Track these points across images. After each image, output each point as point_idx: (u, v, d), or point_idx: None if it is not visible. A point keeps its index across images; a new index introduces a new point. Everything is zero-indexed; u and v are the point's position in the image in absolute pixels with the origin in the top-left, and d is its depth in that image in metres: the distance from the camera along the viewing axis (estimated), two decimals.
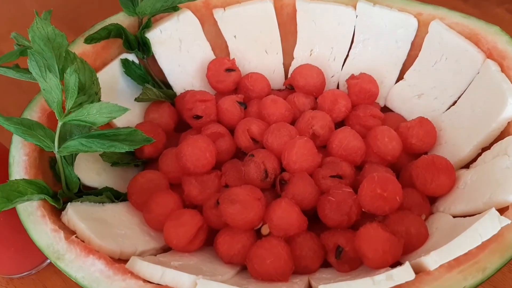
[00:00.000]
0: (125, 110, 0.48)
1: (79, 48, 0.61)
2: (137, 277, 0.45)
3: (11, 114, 0.50)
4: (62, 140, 0.50)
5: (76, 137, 0.49)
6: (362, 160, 0.59)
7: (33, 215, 0.49)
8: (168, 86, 0.69)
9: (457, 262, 0.42)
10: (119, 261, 0.49)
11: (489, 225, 0.43)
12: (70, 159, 0.53)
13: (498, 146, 0.52)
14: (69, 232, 0.49)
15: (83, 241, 0.48)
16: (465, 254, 0.42)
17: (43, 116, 0.56)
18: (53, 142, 0.49)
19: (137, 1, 0.63)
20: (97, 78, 0.54)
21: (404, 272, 0.42)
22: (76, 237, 0.48)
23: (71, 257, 0.46)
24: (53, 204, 0.50)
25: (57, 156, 0.50)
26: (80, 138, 0.49)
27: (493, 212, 0.44)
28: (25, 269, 0.62)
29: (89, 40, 0.61)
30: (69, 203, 0.51)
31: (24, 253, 0.59)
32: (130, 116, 0.65)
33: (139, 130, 0.51)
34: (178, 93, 0.69)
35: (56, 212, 0.52)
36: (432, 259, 0.42)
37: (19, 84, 0.53)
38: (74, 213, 0.50)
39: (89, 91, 0.52)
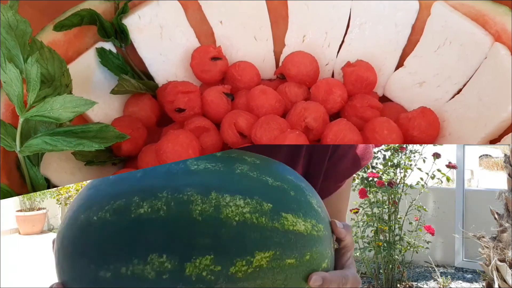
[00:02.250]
0: (93, 103, 0.43)
1: (49, 36, 0.57)
2: None
3: None
4: (26, 138, 0.46)
5: (39, 135, 0.45)
6: None
7: None
8: (150, 77, 0.65)
9: None
10: None
11: None
12: (36, 159, 0.49)
13: None
14: None
15: None
16: None
17: (7, 112, 0.52)
18: (15, 141, 0.45)
19: None
20: (67, 69, 0.51)
21: None
22: None
23: None
24: None
25: (20, 156, 0.46)
26: (43, 135, 0.45)
27: None
28: None
29: (59, 28, 0.56)
30: None
31: None
32: (109, 110, 0.61)
33: (110, 126, 0.47)
34: (160, 84, 0.65)
35: None
36: None
37: None
38: None
39: (56, 83, 0.48)
